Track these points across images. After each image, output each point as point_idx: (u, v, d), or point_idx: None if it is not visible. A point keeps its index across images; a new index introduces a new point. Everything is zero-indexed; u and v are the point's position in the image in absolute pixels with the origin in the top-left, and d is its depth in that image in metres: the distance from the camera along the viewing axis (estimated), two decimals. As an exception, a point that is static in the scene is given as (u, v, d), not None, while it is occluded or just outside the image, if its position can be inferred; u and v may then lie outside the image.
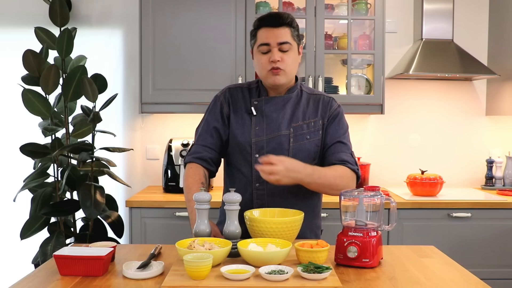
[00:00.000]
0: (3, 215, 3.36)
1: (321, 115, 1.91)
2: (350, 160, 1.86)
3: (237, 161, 1.92)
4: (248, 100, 1.93)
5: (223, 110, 1.94)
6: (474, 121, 3.49)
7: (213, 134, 1.93)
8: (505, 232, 2.90)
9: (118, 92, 3.20)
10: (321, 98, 1.95)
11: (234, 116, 1.92)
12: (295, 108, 1.91)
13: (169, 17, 3.04)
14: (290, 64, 1.84)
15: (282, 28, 1.82)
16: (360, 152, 3.42)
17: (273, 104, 1.90)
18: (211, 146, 1.92)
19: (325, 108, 1.92)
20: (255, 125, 1.89)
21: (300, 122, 1.89)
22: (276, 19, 1.82)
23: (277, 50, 1.81)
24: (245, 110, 1.92)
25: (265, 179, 1.69)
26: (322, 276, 1.38)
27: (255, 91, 1.95)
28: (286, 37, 1.82)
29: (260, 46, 1.83)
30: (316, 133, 1.89)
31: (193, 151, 1.93)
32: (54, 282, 1.44)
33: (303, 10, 3.13)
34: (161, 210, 2.85)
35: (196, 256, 1.42)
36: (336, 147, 1.88)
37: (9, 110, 3.34)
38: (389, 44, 3.34)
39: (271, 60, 1.81)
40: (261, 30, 1.84)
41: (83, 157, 2.70)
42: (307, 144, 1.88)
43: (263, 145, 1.87)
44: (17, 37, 3.33)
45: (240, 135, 1.89)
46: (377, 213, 1.61)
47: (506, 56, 3.23)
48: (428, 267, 1.60)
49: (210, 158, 1.92)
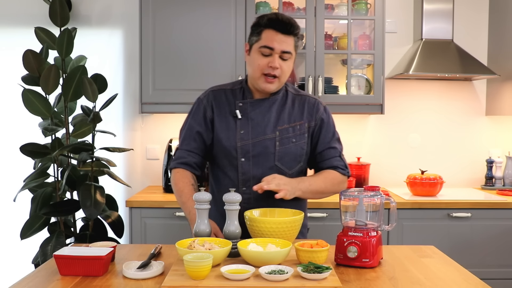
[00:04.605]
0: (3, 215, 3.36)
1: (307, 118, 1.90)
2: (340, 165, 1.91)
3: (223, 165, 1.90)
4: (232, 102, 1.90)
5: (206, 113, 1.91)
6: (474, 121, 3.49)
7: (196, 138, 1.91)
8: (505, 232, 2.90)
9: (118, 92, 3.20)
10: (306, 99, 1.94)
11: (218, 119, 1.89)
12: (281, 110, 1.89)
13: (169, 17, 3.04)
14: (285, 73, 1.84)
15: (289, 37, 1.80)
16: (360, 152, 3.42)
17: (258, 107, 1.88)
18: (195, 151, 1.91)
19: (311, 111, 1.91)
20: (240, 128, 1.86)
21: (285, 125, 1.87)
22: (288, 27, 1.79)
23: (278, 57, 1.79)
24: (230, 113, 1.89)
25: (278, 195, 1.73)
26: (322, 276, 1.38)
27: (239, 92, 1.92)
28: (290, 47, 1.81)
29: (263, 47, 1.79)
30: (302, 136, 1.89)
31: (178, 156, 1.92)
32: (54, 282, 1.44)
33: (303, 10, 3.13)
34: (161, 210, 2.85)
35: (196, 256, 1.42)
36: (326, 153, 1.91)
37: (9, 110, 3.34)
38: (389, 44, 3.34)
39: (271, 65, 1.79)
40: (268, 32, 1.79)
41: (83, 157, 2.71)
42: (292, 148, 1.87)
43: (249, 149, 1.85)
44: (17, 37, 3.33)
45: (225, 139, 1.87)
46: (377, 213, 1.61)
47: (506, 56, 3.23)
48: (428, 267, 1.60)
49: (195, 163, 1.91)
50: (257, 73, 1.82)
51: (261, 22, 1.81)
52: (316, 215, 2.83)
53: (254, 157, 1.84)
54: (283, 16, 1.82)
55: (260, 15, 1.88)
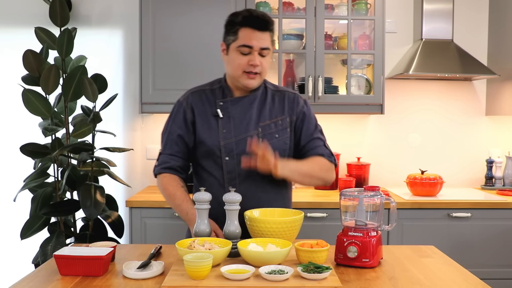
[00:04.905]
0: (3, 215, 3.36)
1: (288, 112, 1.92)
2: (325, 153, 1.92)
3: (208, 165, 1.89)
4: (212, 102, 1.90)
5: (186, 116, 1.90)
6: (474, 121, 3.49)
7: (178, 142, 1.90)
8: (505, 232, 2.90)
9: (118, 92, 3.20)
10: (286, 94, 1.95)
11: (200, 120, 1.88)
12: (262, 106, 1.90)
13: (169, 17, 3.04)
14: (266, 69, 1.85)
15: (265, 33, 1.81)
16: (360, 152, 3.42)
17: (239, 105, 1.88)
18: (178, 155, 1.90)
19: (291, 105, 1.93)
20: (222, 127, 1.86)
21: (267, 121, 1.88)
22: (264, 23, 1.80)
23: (257, 54, 1.80)
24: (211, 113, 1.89)
25: (261, 167, 1.71)
26: (322, 276, 1.39)
27: (218, 91, 1.92)
28: (268, 43, 1.82)
29: (241, 46, 1.80)
30: (284, 131, 1.90)
31: (161, 161, 1.92)
32: (54, 282, 1.44)
33: (303, 10, 3.13)
34: (161, 210, 2.85)
35: (196, 256, 1.42)
36: (310, 144, 1.93)
37: (9, 110, 3.34)
38: (389, 44, 3.34)
39: (252, 63, 1.80)
40: (245, 30, 1.80)
41: (83, 157, 2.71)
42: (276, 143, 1.87)
43: (232, 148, 1.85)
44: (17, 37, 3.33)
45: (208, 140, 1.86)
46: (377, 213, 1.62)
47: (506, 56, 3.23)
48: (428, 267, 1.60)
49: (179, 166, 1.90)
50: (238, 71, 1.82)
51: (236, 20, 1.82)
52: (316, 215, 2.83)
53: (238, 155, 1.84)
54: (257, 13, 1.83)
55: (232, 13, 1.87)
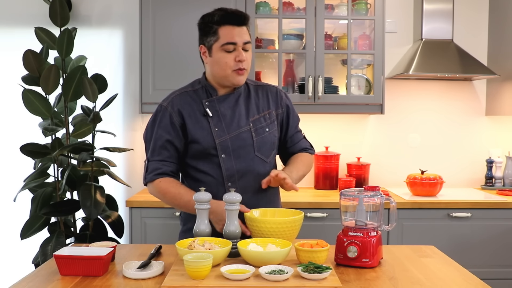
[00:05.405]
0: (3, 215, 3.36)
1: (273, 106, 1.95)
2: (308, 146, 2.05)
3: (203, 166, 1.86)
4: (199, 102, 1.88)
5: (173, 120, 1.85)
6: (474, 121, 3.49)
7: (167, 147, 1.85)
8: (505, 232, 2.90)
9: (118, 92, 3.20)
10: (268, 88, 1.99)
11: (190, 122, 1.85)
12: (248, 102, 1.92)
13: (169, 17, 3.04)
14: (250, 63, 1.86)
15: (244, 27, 1.82)
16: (360, 152, 3.42)
17: (226, 102, 1.89)
18: (168, 160, 1.86)
19: (275, 99, 1.97)
20: (214, 126, 1.85)
21: (256, 115, 1.90)
22: (241, 18, 1.81)
23: (241, 50, 1.81)
24: (200, 113, 1.86)
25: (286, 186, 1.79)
26: (322, 276, 1.39)
27: (201, 91, 1.91)
28: (248, 37, 1.83)
29: (226, 45, 1.79)
30: (273, 124, 1.94)
31: (152, 168, 1.85)
32: (54, 282, 1.44)
33: (303, 10, 3.13)
34: (161, 210, 2.85)
35: (196, 256, 1.42)
36: (295, 137, 2.02)
37: (9, 110, 3.34)
38: (389, 44, 3.34)
39: (239, 59, 1.80)
40: (224, 28, 1.80)
41: (83, 157, 2.71)
42: (267, 137, 1.91)
43: (228, 145, 1.85)
44: (17, 37, 3.33)
45: (202, 140, 1.84)
46: (377, 213, 1.62)
47: (506, 56, 3.23)
48: (428, 267, 1.60)
49: (171, 171, 1.87)
50: (227, 70, 1.82)
51: (213, 20, 1.82)
52: (316, 215, 2.83)
53: (234, 151, 1.84)
54: (231, 10, 1.85)
55: (204, 14, 1.88)
